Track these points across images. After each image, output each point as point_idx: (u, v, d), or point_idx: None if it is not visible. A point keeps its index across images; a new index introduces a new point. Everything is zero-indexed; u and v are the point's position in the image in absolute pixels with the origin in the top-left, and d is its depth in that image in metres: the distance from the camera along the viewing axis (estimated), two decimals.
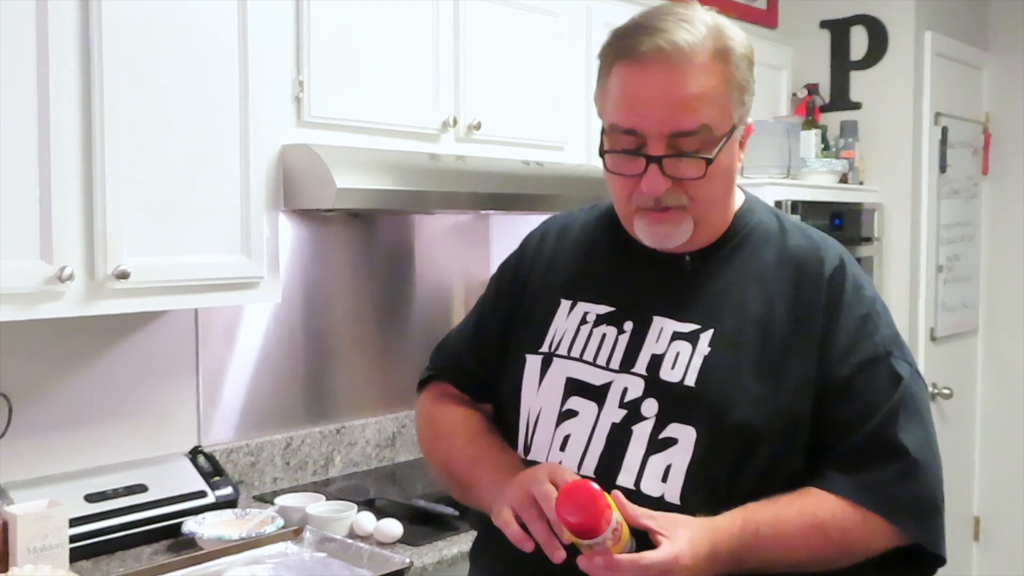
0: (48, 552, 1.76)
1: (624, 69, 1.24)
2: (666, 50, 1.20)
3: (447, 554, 2.01)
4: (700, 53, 1.21)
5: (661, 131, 1.22)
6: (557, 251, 1.46)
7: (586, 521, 1.10)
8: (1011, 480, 4.05)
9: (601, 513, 1.10)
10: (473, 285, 2.98)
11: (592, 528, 1.10)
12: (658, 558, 1.13)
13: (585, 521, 1.10)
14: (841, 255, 1.33)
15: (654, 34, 1.21)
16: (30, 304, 1.74)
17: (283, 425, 2.53)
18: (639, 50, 1.22)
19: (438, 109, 2.40)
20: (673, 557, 1.13)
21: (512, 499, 1.20)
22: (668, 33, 1.21)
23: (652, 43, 1.21)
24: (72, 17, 1.76)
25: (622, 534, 1.14)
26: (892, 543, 1.24)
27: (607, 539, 1.11)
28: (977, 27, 4.02)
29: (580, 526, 1.11)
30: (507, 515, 1.19)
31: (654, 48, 1.21)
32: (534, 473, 1.21)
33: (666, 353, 1.28)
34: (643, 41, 1.21)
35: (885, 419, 1.24)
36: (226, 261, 2.01)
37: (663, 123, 1.21)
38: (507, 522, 1.19)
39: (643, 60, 1.21)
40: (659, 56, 1.20)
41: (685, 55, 1.20)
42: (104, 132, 1.80)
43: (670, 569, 1.13)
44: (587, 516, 1.10)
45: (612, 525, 1.11)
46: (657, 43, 1.20)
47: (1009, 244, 4.08)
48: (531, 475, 1.21)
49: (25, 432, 2.04)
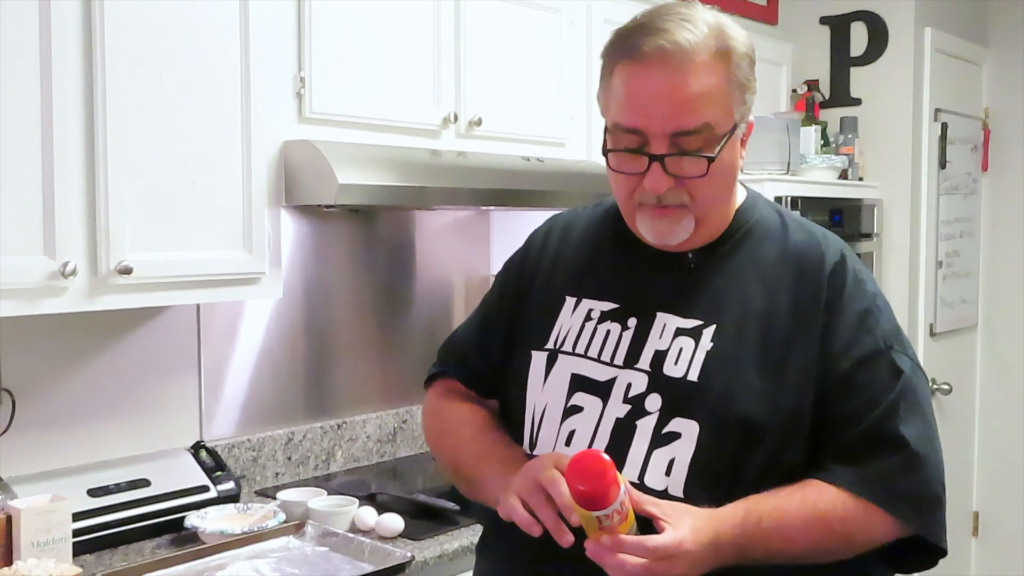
0: (51, 546, 1.77)
1: (627, 69, 1.25)
2: (668, 50, 1.21)
3: (448, 548, 2.02)
4: (702, 52, 1.22)
5: (663, 130, 1.23)
6: (562, 248, 1.46)
7: (596, 488, 1.11)
8: (1010, 475, 4.06)
9: (611, 482, 1.11)
10: (474, 281, 2.99)
11: (602, 495, 1.11)
12: (663, 541, 1.14)
13: (595, 489, 1.11)
14: (842, 250, 1.34)
15: (656, 34, 1.22)
16: (33, 299, 1.75)
17: (285, 420, 2.54)
18: (641, 50, 1.22)
19: (439, 105, 2.40)
20: (677, 542, 1.15)
21: (519, 487, 1.21)
22: (670, 33, 1.22)
23: (654, 43, 1.22)
24: (74, 14, 1.76)
25: (628, 513, 1.15)
26: (893, 534, 1.25)
27: (615, 511, 1.12)
28: (977, 23, 4.02)
29: (590, 493, 1.11)
30: (514, 502, 1.20)
31: (656, 48, 1.21)
32: (540, 461, 1.23)
33: (669, 349, 1.29)
34: (645, 41, 1.22)
35: (886, 412, 1.25)
36: (228, 257, 2.01)
37: (665, 122, 1.22)
38: (514, 507, 1.20)
39: (645, 60, 1.22)
40: (661, 56, 1.21)
41: (687, 54, 1.21)
42: (106, 128, 1.80)
43: (673, 553, 1.14)
44: (597, 484, 1.11)
45: (620, 497, 1.13)
46: (659, 43, 1.21)
47: (1008, 240, 4.08)
48: (537, 463, 1.23)
49: (28, 427, 2.05)
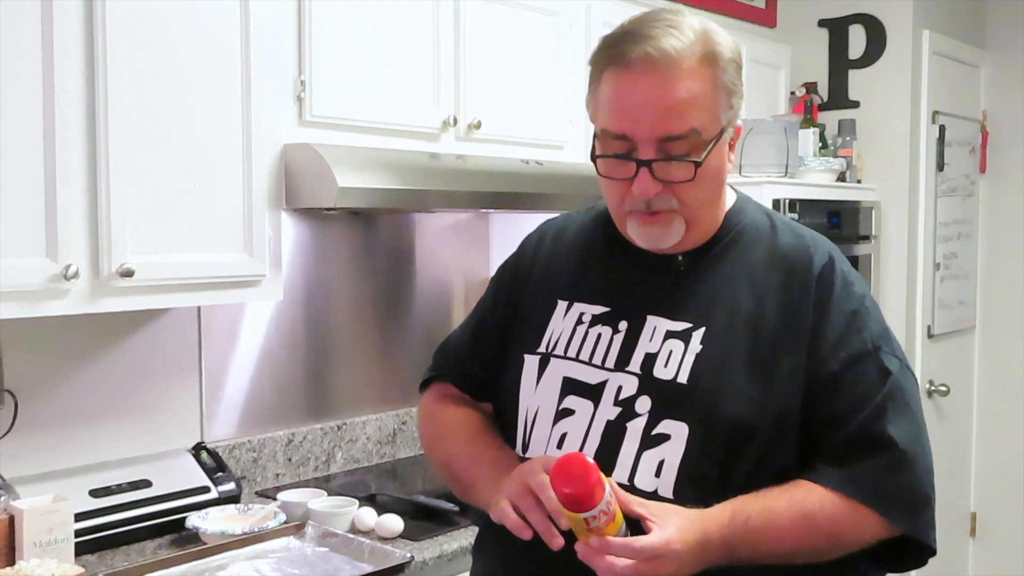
0: (54, 546, 1.78)
1: (614, 76, 1.26)
2: (654, 56, 1.22)
3: (447, 549, 2.03)
4: (688, 58, 1.23)
5: (651, 136, 1.24)
6: (554, 253, 1.48)
7: (581, 491, 1.13)
8: (1007, 476, 4.07)
9: (595, 484, 1.13)
10: (473, 283, 3.00)
11: (587, 497, 1.13)
12: (650, 542, 1.15)
13: (580, 491, 1.13)
14: (830, 252, 1.35)
15: (642, 41, 1.24)
16: (35, 301, 1.76)
17: (285, 421, 2.55)
18: (628, 57, 1.24)
19: (438, 108, 2.42)
20: (664, 542, 1.16)
21: (509, 491, 1.22)
22: (656, 40, 1.23)
23: (640, 50, 1.23)
24: (76, 17, 1.78)
25: (615, 513, 1.16)
26: (882, 534, 1.26)
27: (601, 511, 1.14)
28: (975, 26, 4.03)
29: (574, 496, 1.13)
30: (504, 506, 1.21)
31: (643, 55, 1.23)
32: (529, 465, 1.24)
33: (659, 351, 1.30)
34: (632, 48, 1.24)
35: (874, 413, 1.26)
36: (228, 259, 2.03)
37: (652, 128, 1.24)
38: (505, 512, 1.21)
39: (632, 67, 1.24)
40: (648, 62, 1.23)
41: (673, 61, 1.22)
42: (108, 131, 1.82)
43: (661, 553, 1.15)
44: (581, 486, 1.12)
45: (606, 498, 1.14)
46: (645, 50, 1.23)
47: (1006, 242, 4.09)
48: (526, 467, 1.24)
49: (30, 428, 2.06)
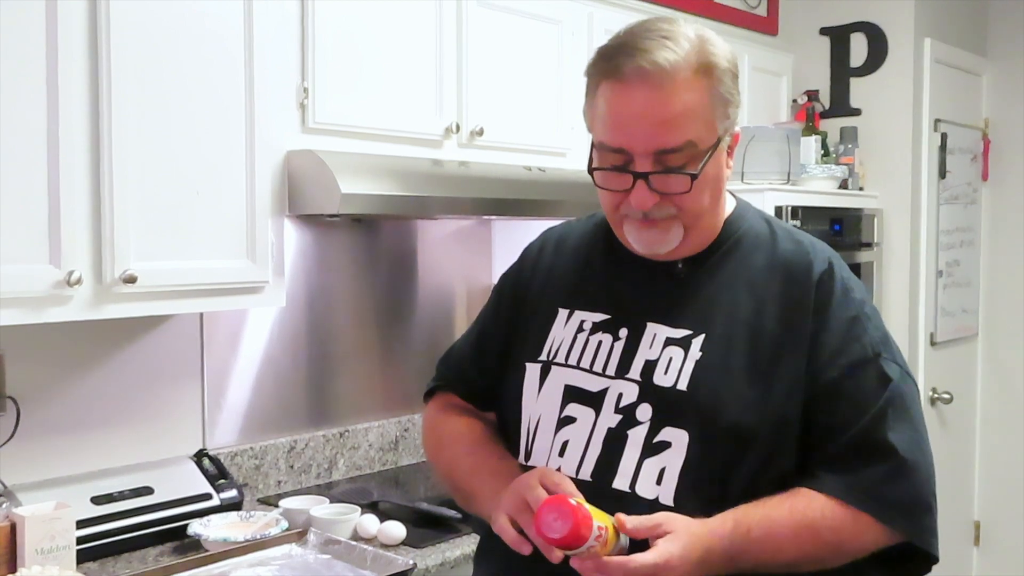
0: (55, 553, 1.78)
1: (609, 89, 1.26)
2: (648, 70, 1.21)
3: (450, 556, 2.03)
4: (683, 70, 1.22)
5: (647, 149, 1.24)
6: (555, 261, 1.48)
7: (565, 537, 1.13)
8: (1011, 485, 4.05)
9: (579, 526, 1.13)
10: (475, 290, 3.00)
11: (574, 538, 1.13)
12: (647, 560, 1.15)
13: (564, 537, 1.13)
14: (830, 258, 1.35)
15: (637, 54, 1.23)
16: (39, 308, 1.76)
17: (287, 428, 2.55)
18: (623, 71, 1.23)
19: (441, 115, 2.42)
20: (663, 560, 1.15)
21: (508, 506, 1.23)
22: (650, 53, 1.22)
23: (635, 63, 1.22)
24: (80, 26, 1.79)
25: (608, 538, 1.16)
26: (883, 542, 1.26)
27: (592, 547, 1.14)
28: (976, 34, 4.03)
29: (561, 542, 1.13)
30: (503, 521, 1.22)
31: (637, 68, 1.22)
32: (527, 479, 1.24)
33: (659, 359, 1.30)
34: (626, 62, 1.23)
35: (874, 420, 1.26)
36: (231, 266, 2.03)
37: (648, 141, 1.23)
38: (504, 528, 1.22)
39: (626, 80, 1.23)
40: (642, 76, 1.22)
41: (668, 74, 1.22)
42: (112, 138, 1.82)
43: (658, 572, 1.15)
44: (565, 532, 1.13)
45: (594, 533, 1.14)
46: (639, 63, 1.22)
47: (1008, 249, 4.08)
48: (524, 481, 1.24)
49: (33, 435, 2.06)
